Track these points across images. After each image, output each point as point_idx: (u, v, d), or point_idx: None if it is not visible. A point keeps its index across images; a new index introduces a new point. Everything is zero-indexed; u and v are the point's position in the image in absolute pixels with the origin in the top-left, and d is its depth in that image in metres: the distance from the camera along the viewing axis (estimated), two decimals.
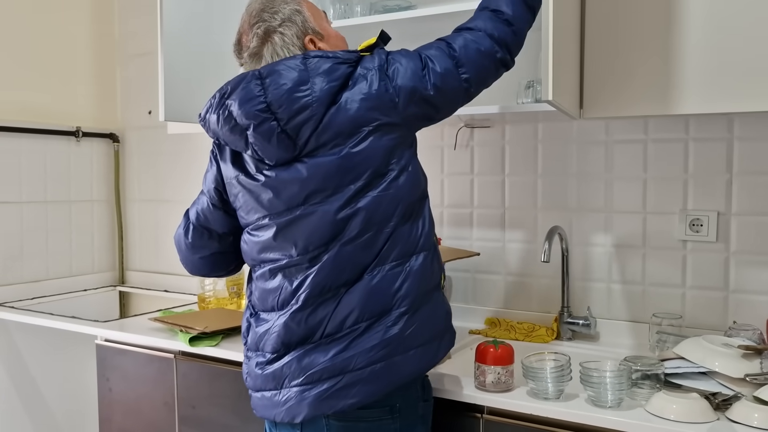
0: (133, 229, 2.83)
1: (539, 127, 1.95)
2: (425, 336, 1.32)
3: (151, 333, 1.94)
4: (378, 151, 1.28)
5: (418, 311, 1.31)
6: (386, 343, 1.27)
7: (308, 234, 1.30)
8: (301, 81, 1.26)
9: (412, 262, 1.31)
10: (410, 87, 1.29)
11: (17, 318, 2.24)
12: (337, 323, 1.29)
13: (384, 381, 1.28)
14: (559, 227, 1.80)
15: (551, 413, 1.33)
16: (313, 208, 1.29)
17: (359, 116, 1.27)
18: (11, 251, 2.47)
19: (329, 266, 1.29)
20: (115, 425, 2.02)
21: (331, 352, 1.29)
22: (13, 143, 2.46)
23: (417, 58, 1.32)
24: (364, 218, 1.28)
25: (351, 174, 1.27)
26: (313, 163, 1.28)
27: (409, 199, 1.32)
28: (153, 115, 2.73)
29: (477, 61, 1.34)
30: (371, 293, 1.28)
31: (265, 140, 1.28)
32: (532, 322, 1.95)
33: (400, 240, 1.30)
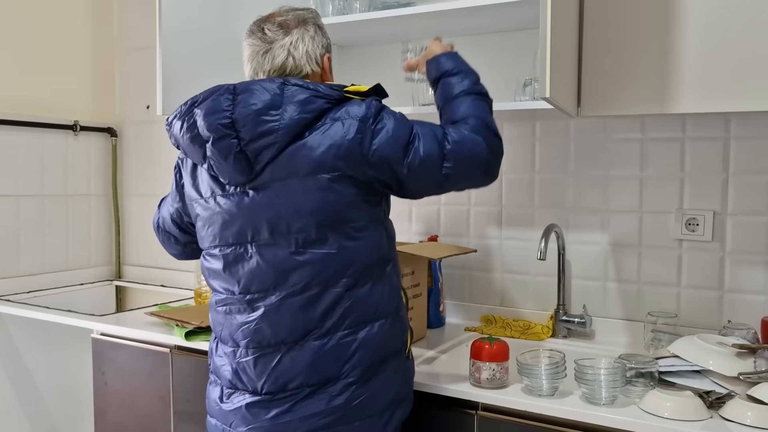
0: (131, 223, 2.83)
1: (537, 125, 1.96)
2: (374, 407, 1.28)
3: (147, 327, 1.94)
4: (335, 204, 1.22)
5: (369, 382, 1.27)
6: (330, 412, 1.25)
7: (251, 275, 1.27)
8: (272, 105, 1.21)
9: (368, 330, 1.26)
10: (386, 154, 1.23)
11: (13, 311, 2.24)
12: (279, 384, 1.26)
13: None
14: (555, 225, 1.80)
15: (546, 410, 1.34)
16: (259, 248, 1.26)
17: (323, 161, 1.21)
18: (8, 245, 2.46)
19: (270, 317, 1.26)
20: (110, 419, 2.02)
21: (272, 411, 1.27)
22: (10, 137, 2.45)
23: (407, 128, 1.26)
24: (310, 273, 1.23)
25: (302, 221, 1.23)
26: (266, 198, 1.25)
27: (367, 261, 1.26)
28: (151, 110, 2.72)
29: (465, 161, 1.27)
30: (319, 361, 1.24)
31: (221, 157, 1.24)
32: (527, 320, 1.96)
33: (356, 305, 1.25)
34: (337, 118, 1.23)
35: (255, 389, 1.29)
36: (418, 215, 2.12)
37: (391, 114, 1.27)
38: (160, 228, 1.55)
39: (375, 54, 2.18)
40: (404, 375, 1.35)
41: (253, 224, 1.26)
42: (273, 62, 1.33)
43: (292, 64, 1.33)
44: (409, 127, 1.27)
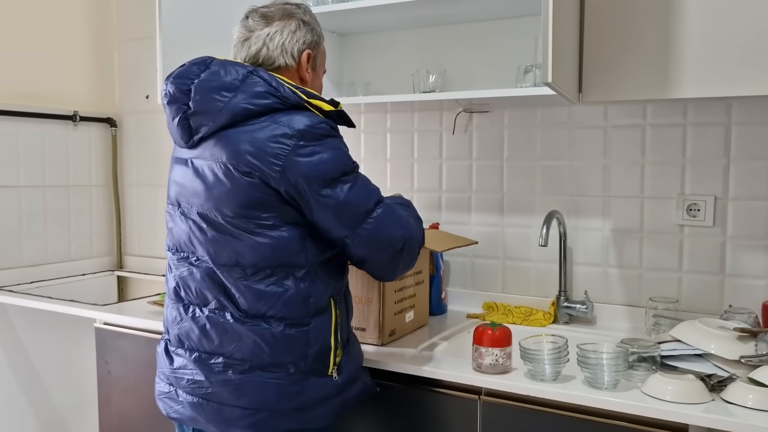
0: (131, 213, 2.83)
1: (538, 112, 1.95)
2: (248, 402, 1.29)
3: (150, 316, 1.94)
4: (241, 196, 1.25)
5: (248, 374, 1.29)
6: (209, 384, 1.31)
7: (176, 236, 1.38)
8: (228, 87, 1.26)
9: (250, 326, 1.28)
10: (306, 174, 1.23)
11: (16, 302, 2.24)
12: (179, 339, 1.38)
13: (198, 418, 1.34)
14: (557, 212, 1.80)
15: (548, 394, 1.34)
16: (182, 215, 1.35)
17: (241, 154, 1.24)
18: (10, 235, 2.47)
19: (183, 275, 1.36)
20: (114, 407, 2.03)
21: (174, 363, 1.38)
22: (11, 127, 2.45)
23: (345, 167, 1.27)
24: (212, 250, 1.30)
25: (215, 202, 1.28)
26: (194, 171, 1.32)
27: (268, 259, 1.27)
28: (150, 100, 2.72)
29: (384, 234, 1.30)
30: (210, 330, 1.32)
31: (171, 117, 1.33)
32: (529, 306, 1.96)
33: (251, 295, 1.28)
34: (278, 121, 1.25)
35: (169, 338, 1.41)
36: (419, 203, 2.12)
37: (335, 144, 1.27)
38: None
39: (375, 41, 2.17)
40: (305, 387, 1.30)
41: (182, 192, 1.35)
42: (248, 51, 1.38)
43: (266, 54, 1.37)
44: (347, 167, 1.28)
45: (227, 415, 1.30)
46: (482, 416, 1.43)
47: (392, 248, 1.32)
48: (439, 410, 1.48)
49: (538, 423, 1.37)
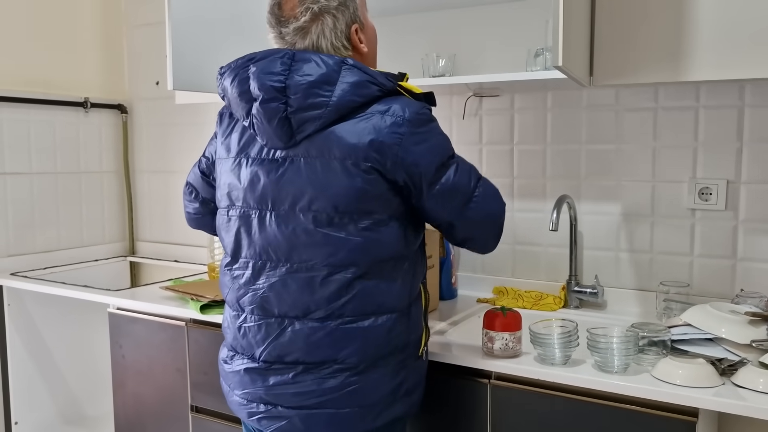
0: (143, 199, 2.85)
1: (548, 96, 1.94)
2: (366, 399, 1.27)
3: (163, 301, 1.96)
4: (359, 193, 1.22)
5: (364, 373, 1.27)
6: (321, 393, 1.26)
7: (265, 243, 1.28)
8: (327, 80, 1.21)
9: (371, 322, 1.26)
10: (421, 164, 1.23)
11: (32, 287, 2.27)
12: (275, 354, 1.28)
13: (313, 428, 1.28)
14: (567, 196, 1.80)
15: (558, 378, 1.35)
16: (277, 218, 1.26)
17: (358, 148, 1.21)
18: (24, 222, 2.49)
19: (276, 287, 1.27)
20: (128, 390, 2.05)
21: (269, 380, 1.29)
22: (22, 114, 2.46)
23: (449, 150, 1.28)
24: (322, 253, 1.24)
25: (324, 201, 1.23)
26: (294, 170, 1.25)
27: (380, 255, 1.25)
28: (161, 86, 2.72)
29: (487, 209, 1.31)
30: (318, 341, 1.25)
31: (266, 118, 1.24)
32: (539, 291, 1.97)
33: (362, 295, 1.25)
34: (383, 111, 1.22)
35: (253, 355, 1.31)
36: None
37: (438, 130, 1.28)
38: (186, 182, 1.54)
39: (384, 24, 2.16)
40: (407, 373, 1.33)
41: (277, 193, 1.26)
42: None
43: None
44: (450, 150, 1.29)
45: (343, 418, 1.27)
46: (492, 400, 1.44)
47: (497, 222, 1.34)
48: (449, 394, 1.49)
49: (547, 406, 1.38)
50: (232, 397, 1.38)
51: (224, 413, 1.85)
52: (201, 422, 1.90)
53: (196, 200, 1.52)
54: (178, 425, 1.95)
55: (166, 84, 2.63)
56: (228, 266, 1.36)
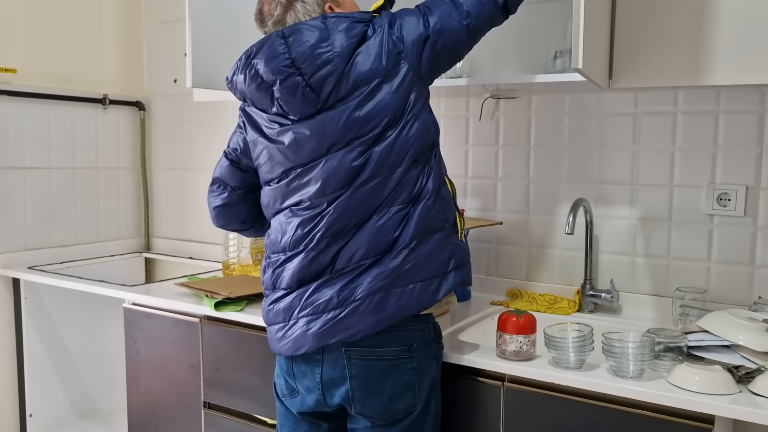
0: (159, 196, 2.87)
1: (566, 99, 1.93)
2: (425, 272, 1.37)
3: (177, 297, 1.97)
4: (391, 101, 1.34)
5: (418, 248, 1.37)
6: (386, 274, 1.35)
7: (326, 178, 1.37)
8: (322, 38, 1.34)
9: (417, 205, 1.37)
10: (413, 36, 1.36)
11: (48, 281, 2.29)
12: (345, 259, 1.37)
13: (382, 312, 1.34)
14: (583, 199, 1.79)
15: (572, 382, 1.34)
16: (333, 156, 1.37)
17: (373, 69, 1.34)
18: (42, 216, 2.52)
19: (342, 208, 1.36)
20: (142, 386, 2.07)
21: (338, 285, 1.37)
22: (43, 109, 2.49)
23: (416, 10, 1.40)
24: (376, 164, 1.35)
25: (368, 124, 1.34)
26: (332, 115, 1.35)
27: (419, 146, 1.38)
28: (179, 84, 2.74)
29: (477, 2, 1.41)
30: (377, 232, 1.35)
31: (290, 94, 1.35)
32: (554, 294, 1.96)
33: (408, 185, 1.37)
34: (372, 33, 1.36)
35: (323, 274, 1.38)
36: None
37: (400, 11, 1.42)
38: (213, 179, 1.64)
39: None
40: (448, 250, 1.41)
41: (327, 139, 1.36)
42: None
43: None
44: (417, 9, 1.41)
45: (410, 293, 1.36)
46: (505, 402, 1.43)
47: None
48: (462, 396, 1.49)
49: (561, 410, 1.37)
50: (294, 325, 1.40)
51: (236, 410, 1.86)
52: (213, 419, 1.91)
53: (224, 191, 1.61)
54: (190, 421, 1.96)
55: (185, 81, 2.65)
56: (291, 213, 1.42)
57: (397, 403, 1.38)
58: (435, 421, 1.44)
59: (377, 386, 1.37)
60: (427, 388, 1.41)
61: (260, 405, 1.81)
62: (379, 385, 1.37)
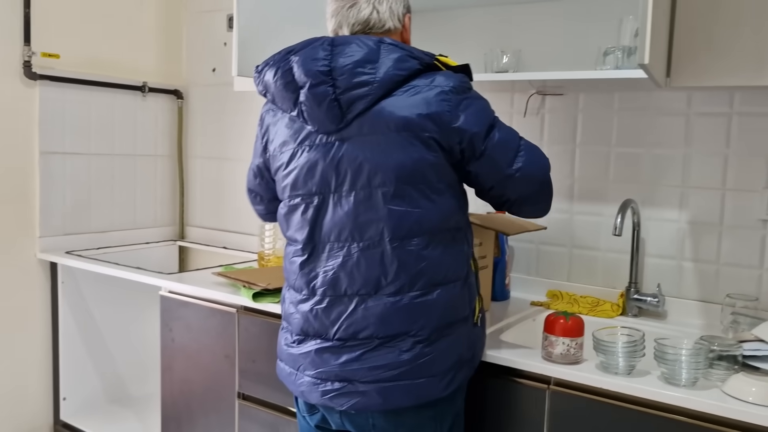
0: (194, 185, 2.87)
1: (615, 97, 1.88)
2: (439, 367, 1.29)
3: (214, 287, 1.97)
4: (417, 163, 1.25)
5: (436, 343, 1.29)
6: (397, 365, 1.27)
7: (330, 225, 1.31)
8: (369, 59, 1.25)
9: (438, 293, 1.29)
10: (471, 128, 1.27)
11: (86, 266, 2.31)
12: (351, 331, 1.29)
13: (391, 400, 1.28)
14: (632, 200, 1.74)
15: (622, 388, 1.30)
16: (339, 199, 1.29)
17: (411, 120, 1.25)
18: (80, 201, 2.54)
19: (347, 267, 1.29)
20: (176, 374, 2.07)
21: (342, 357, 1.30)
22: (84, 95, 2.50)
23: (491, 114, 1.32)
24: (387, 228, 1.26)
25: (384, 175, 1.26)
26: (351, 149, 1.28)
27: (439, 225, 1.29)
28: (217, 73, 2.74)
29: (533, 167, 1.34)
30: (391, 316, 1.27)
31: (315, 103, 1.27)
32: (596, 297, 1.91)
33: (429, 267, 1.28)
34: (428, 83, 1.27)
35: (327, 335, 1.32)
36: None
37: (478, 96, 1.33)
38: (247, 188, 1.58)
39: (447, 19, 2.12)
40: (469, 340, 1.36)
41: (336, 174, 1.29)
42: (358, 16, 1.36)
43: (376, 18, 1.36)
44: (493, 112, 1.34)
45: (419, 387, 1.28)
46: (550, 406, 1.40)
47: (544, 177, 1.37)
48: (504, 398, 1.46)
49: (608, 416, 1.33)
50: (301, 378, 1.36)
51: (271, 402, 1.85)
52: (247, 410, 1.90)
53: (261, 203, 1.56)
54: (224, 411, 1.96)
55: (227, 70, 2.65)
56: (295, 253, 1.37)
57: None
58: None
59: (398, 417, 1.32)
60: (450, 417, 1.37)
61: None
62: (399, 415, 1.32)
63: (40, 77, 2.35)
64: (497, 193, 1.36)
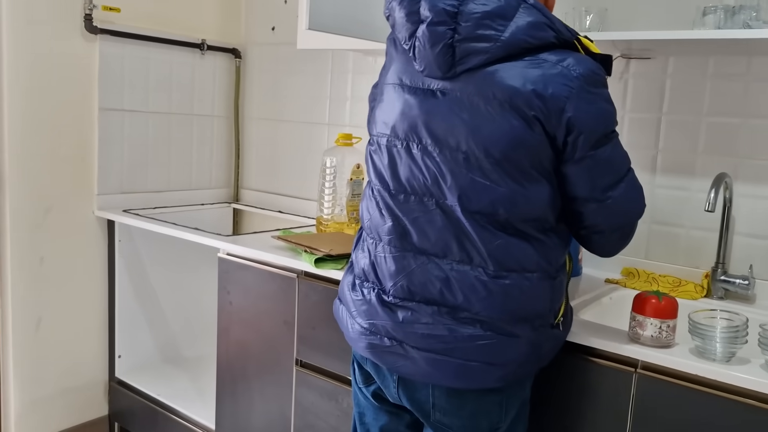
0: (250, 147, 2.82)
1: (710, 62, 1.74)
2: (497, 357, 1.20)
3: (273, 251, 1.92)
4: (516, 139, 1.13)
5: (500, 329, 1.19)
6: (451, 340, 1.19)
7: (411, 176, 1.22)
8: (501, 14, 1.12)
9: (512, 280, 1.18)
10: (583, 125, 1.12)
11: (144, 225, 2.28)
12: (408, 290, 1.23)
13: (436, 374, 1.21)
14: (726, 174, 1.61)
15: (720, 376, 1.20)
16: (425, 151, 1.20)
17: (523, 93, 1.11)
18: (137, 160, 2.51)
19: (419, 222, 1.21)
20: (233, 337, 2.04)
21: (397, 315, 1.24)
22: (142, 51, 2.46)
23: (613, 123, 1.18)
24: (467, 196, 1.16)
25: (474, 142, 1.15)
26: (450, 105, 1.17)
27: (525, 212, 1.17)
28: (276, 32, 2.66)
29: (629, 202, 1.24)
30: (455, 286, 1.19)
31: (430, 42, 1.15)
32: (676, 276, 1.79)
33: (507, 250, 1.17)
34: (556, 60, 1.12)
35: (384, 288, 1.26)
36: None
37: (609, 97, 1.18)
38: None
39: None
40: (543, 340, 1.25)
41: (429, 126, 1.19)
42: None
43: None
44: (616, 122, 1.20)
45: (470, 370, 1.19)
46: (637, 391, 1.30)
47: (630, 220, 1.27)
48: (585, 380, 1.37)
49: (701, 405, 1.23)
50: (353, 324, 1.31)
51: (330, 370, 1.80)
52: (305, 377, 1.86)
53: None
54: (281, 377, 1.92)
55: (290, 29, 2.56)
56: (374, 194, 1.30)
57: (481, 420, 1.26)
58: None
59: (462, 399, 1.24)
60: (516, 405, 1.29)
61: None
62: (464, 398, 1.24)
63: (100, 31, 2.31)
64: (575, 208, 1.22)
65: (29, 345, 2.29)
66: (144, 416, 2.40)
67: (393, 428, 1.40)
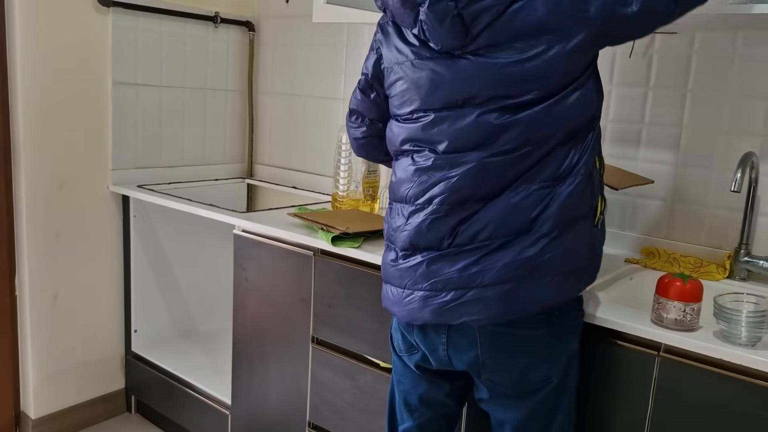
0: (264, 122, 2.79)
1: (739, 36, 1.68)
2: (563, 266, 1.21)
3: (289, 228, 1.90)
4: (556, 66, 1.15)
5: (559, 238, 1.20)
6: (519, 264, 1.19)
7: (458, 135, 1.22)
8: None
9: (563, 187, 1.20)
10: (608, 8, 1.14)
11: (158, 201, 2.27)
12: (468, 235, 1.22)
13: (509, 305, 1.21)
14: (753, 153, 1.57)
15: (745, 361, 1.18)
16: (470, 110, 1.20)
17: (545, 21, 1.13)
18: (151, 135, 2.49)
19: (471, 175, 1.21)
20: (249, 313, 2.04)
21: (459, 263, 1.22)
22: (155, 24, 2.42)
23: None
24: (520, 132, 1.18)
25: (524, 85, 1.16)
26: (480, 63, 1.18)
27: (576, 120, 1.20)
28: (291, 5, 2.61)
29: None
30: (511, 211, 1.19)
31: (437, 20, 1.16)
32: (698, 257, 1.77)
33: (555, 161, 1.19)
34: None
35: (440, 246, 1.24)
36: None
37: None
38: (350, 109, 1.50)
39: None
40: (589, 241, 1.26)
41: (467, 89, 1.19)
42: None
43: None
44: None
45: (545, 288, 1.21)
46: (659, 374, 1.29)
47: None
48: (607, 362, 1.36)
49: (725, 390, 1.22)
50: (411, 295, 1.28)
51: (346, 348, 1.80)
52: (321, 354, 1.86)
53: (363, 124, 1.47)
54: (297, 354, 1.92)
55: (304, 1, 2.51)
56: (413, 163, 1.28)
57: (532, 374, 1.27)
58: (571, 395, 1.33)
59: (510, 354, 1.25)
60: (565, 359, 1.29)
61: (372, 347, 1.74)
62: (512, 352, 1.25)
63: (113, 4, 2.27)
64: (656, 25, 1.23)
65: (46, 320, 2.31)
66: (160, 390, 2.42)
67: (432, 397, 1.41)
